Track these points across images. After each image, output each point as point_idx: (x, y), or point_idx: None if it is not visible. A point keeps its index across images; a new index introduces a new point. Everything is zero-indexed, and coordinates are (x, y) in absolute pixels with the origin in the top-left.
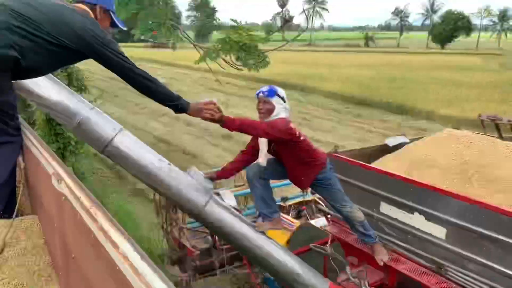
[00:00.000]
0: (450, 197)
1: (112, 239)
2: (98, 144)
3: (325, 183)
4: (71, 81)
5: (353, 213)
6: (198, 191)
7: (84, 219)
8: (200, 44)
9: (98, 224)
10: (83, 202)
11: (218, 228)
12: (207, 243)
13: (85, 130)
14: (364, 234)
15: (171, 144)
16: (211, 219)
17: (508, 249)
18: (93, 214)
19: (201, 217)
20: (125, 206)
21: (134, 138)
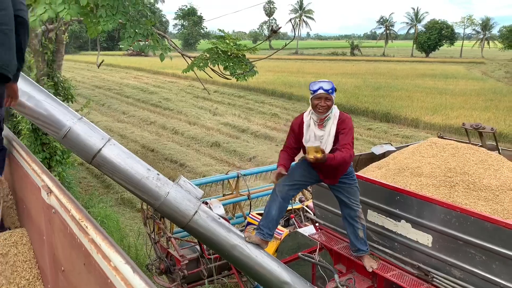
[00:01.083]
0: (436, 204)
1: (104, 252)
2: (86, 155)
3: (351, 178)
4: (57, 90)
5: (362, 214)
6: (187, 201)
7: (75, 232)
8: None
9: (89, 237)
10: (73, 215)
11: (206, 237)
12: (195, 252)
13: (73, 140)
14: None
15: (159, 152)
16: (199, 229)
17: (491, 256)
18: (84, 227)
19: (189, 227)
20: (112, 215)
21: (122, 148)
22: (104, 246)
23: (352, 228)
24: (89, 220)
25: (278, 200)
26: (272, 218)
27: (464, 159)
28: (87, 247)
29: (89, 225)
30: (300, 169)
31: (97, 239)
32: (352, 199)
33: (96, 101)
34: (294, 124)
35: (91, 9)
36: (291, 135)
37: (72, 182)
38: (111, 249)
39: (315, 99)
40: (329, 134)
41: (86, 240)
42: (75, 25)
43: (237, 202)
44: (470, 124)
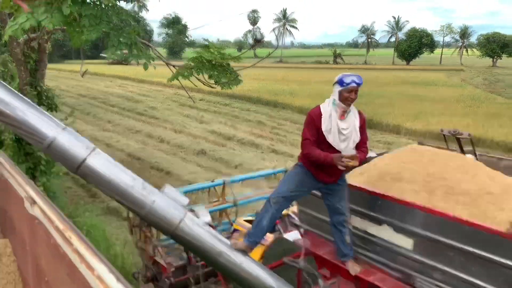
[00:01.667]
0: (416, 209)
1: (88, 262)
2: (71, 165)
3: (344, 179)
4: (40, 100)
5: (348, 219)
6: (172, 209)
7: (59, 242)
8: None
9: (73, 247)
10: (57, 225)
11: (192, 245)
12: (182, 259)
13: (58, 150)
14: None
15: (145, 161)
16: (185, 236)
17: (470, 258)
18: (67, 237)
19: (175, 235)
20: (98, 225)
21: (107, 157)
22: (88, 256)
23: (340, 233)
24: (73, 230)
25: (271, 212)
26: (262, 228)
27: (443, 165)
28: (70, 257)
29: (73, 236)
30: (296, 178)
31: (81, 249)
32: (342, 203)
33: (81, 110)
34: (314, 115)
35: (74, 18)
36: (313, 127)
37: (57, 192)
38: (95, 258)
39: (346, 91)
40: (355, 129)
41: (70, 250)
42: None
43: (223, 209)
44: (448, 130)
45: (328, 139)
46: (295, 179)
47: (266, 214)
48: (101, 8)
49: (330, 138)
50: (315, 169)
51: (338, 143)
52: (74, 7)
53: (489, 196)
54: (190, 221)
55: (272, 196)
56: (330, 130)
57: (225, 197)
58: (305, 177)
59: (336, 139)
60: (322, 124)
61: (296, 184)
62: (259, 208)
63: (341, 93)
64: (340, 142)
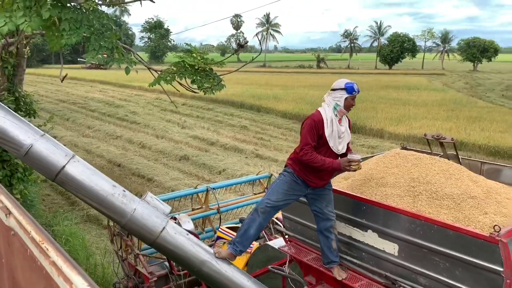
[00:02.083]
0: (400, 214)
1: (65, 275)
2: (49, 172)
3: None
4: (18, 106)
5: (335, 224)
6: (154, 217)
7: (35, 254)
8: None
9: (50, 259)
10: (33, 237)
11: (175, 254)
12: (164, 269)
13: (35, 158)
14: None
15: (125, 167)
16: (167, 245)
17: (454, 262)
18: (44, 249)
19: (157, 244)
20: (77, 233)
21: (86, 165)
22: (65, 269)
23: (326, 240)
24: (50, 242)
25: (258, 221)
26: (249, 236)
27: (427, 169)
28: (48, 270)
29: (50, 247)
30: (284, 187)
31: (58, 262)
32: (329, 207)
33: (60, 115)
34: (317, 120)
35: (54, 22)
36: (315, 132)
37: (35, 200)
38: (73, 271)
39: (352, 98)
40: (347, 131)
41: (46, 263)
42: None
43: (206, 216)
44: (432, 135)
45: (330, 143)
46: (284, 188)
47: (253, 223)
48: (82, 12)
49: (331, 142)
50: (306, 174)
51: (337, 146)
52: (54, 11)
53: (473, 200)
54: (172, 229)
55: (260, 206)
56: (331, 135)
57: (208, 204)
58: (293, 184)
59: (336, 143)
60: (325, 129)
61: (284, 193)
62: (243, 214)
63: (347, 99)
64: (338, 145)
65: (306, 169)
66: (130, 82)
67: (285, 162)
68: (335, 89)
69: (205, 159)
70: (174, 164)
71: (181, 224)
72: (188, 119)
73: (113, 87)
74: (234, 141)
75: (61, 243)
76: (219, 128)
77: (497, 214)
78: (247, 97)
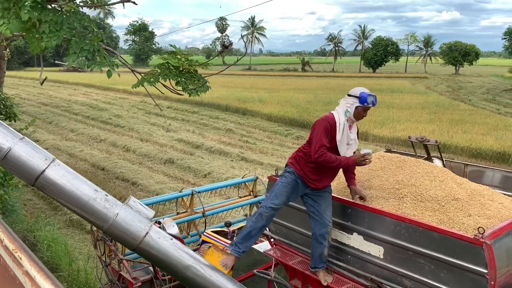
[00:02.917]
0: (386, 216)
1: (39, 285)
2: (29, 177)
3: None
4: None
5: (331, 230)
6: (137, 222)
7: (8, 263)
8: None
9: (23, 269)
10: (6, 245)
11: (158, 259)
12: (149, 274)
13: (14, 162)
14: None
15: (109, 171)
16: (151, 250)
17: (439, 265)
18: (18, 258)
19: (140, 249)
20: (60, 238)
21: (67, 169)
22: (39, 279)
23: (319, 246)
24: (23, 251)
25: (262, 223)
26: (251, 238)
27: (411, 171)
28: (21, 280)
29: (23, 256)
30: (287, 189)
31: (31, 271)
32: (327, 212)
33: (42, 119)
34: (332, 123)
35: (34, 24)
36: (327, 135)
37: (16, 205)
38: (47, 281)
39: (363, 109)
40: (355, 139)
41: (19, 272)
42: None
43: (191, 220)
44: (416, 137)
45: (339, 147)
46: (286, 191)
47: (256, 225)
48: (62, 14)
49: (341, 148)
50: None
51: (345, 153)
52: (33, 13)
53: (457, 202)
54: (156, 234)
55: (265, 211)
56: (342, 140)
57: (194, 207)
58: (294, 184)
59: (344, 149)
60: (337, 134)
61: (287, 195)
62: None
63: (358, 108)
64: (347, 151)
65: (307, 168)
66: (115, 85)
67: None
68: (350, 95)
69: (190, 162)
70: (159, 168)
71: (166, 228)
72: (173, 122)
73: (97, 90)
74: (220, 144)
75: (42, 248)
76: (204, 131)
77: (481, 216)
78: (232, 100)
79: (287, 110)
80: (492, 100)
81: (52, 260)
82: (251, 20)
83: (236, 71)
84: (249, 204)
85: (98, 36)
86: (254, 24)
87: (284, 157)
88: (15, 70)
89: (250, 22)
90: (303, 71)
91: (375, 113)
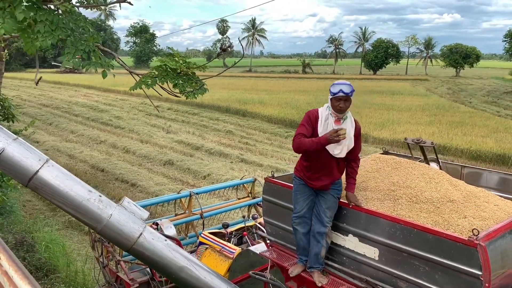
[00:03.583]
0: (381, 218)
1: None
2: (22, 177)
3: (337, 187)
4: None
5: (330, 233)
6: (131, 223)
7: None
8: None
9: (2, 269)
10: None
11: (152, 260)
12: (146, 275)
13: (7, 162)
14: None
15: (109, 172)
16: (145, 251)
17: (434, 266)
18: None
19: (134, 250)
20: (58, 239)
21: (61, 169)
22: (16, 278)
23: (316, 245)
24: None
25: (300, 232)
26: (301, 246)
27: (407, 173)
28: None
29: (2, 256)
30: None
31: (10, 271)
32: (327, 213)
33: (43, 120)
34: (312, 116)
35: (29, 24)
36: (308, 126)
37: (15, 206)
38: (23, 281)
39: (335, 100)
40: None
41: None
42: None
43: (189, 222)
44: (412, 139)
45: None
46: (298, 197)
47: (297, 235)
48: (58, 14)
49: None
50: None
51: (332, 147)
52: (29, 13)
53: (452, 204)
54: (150, 235)
55: (292, 222)
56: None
57: (192, 209)
58: (302, 188)
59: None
60: (318, 126)
61: (301, 200)
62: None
63: (332, 101)
64: (333, 147)
65: (304, 168)
66: (115, 87)
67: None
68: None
69: (190, 163)
70: (159, 169)
71: (163, 229)
72: (173, 123)
73: (97, 91)
74: (219, 145)
75: (40, 250)
76: (204, 132)
77: (476, 217)
78: (232, 102)
79: (288, 112)
80: (493, 102)
81: (50, 261)
82: (251, 22)
83: (236, 73)
84: (248, 205)
85: (93, 37)
86: (254, 26)
87: (283, 158)
88: (16, 72)
89: (251, 24)
90: (304, 73)
91: (375, 115)
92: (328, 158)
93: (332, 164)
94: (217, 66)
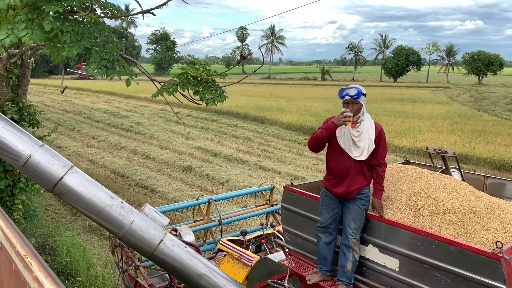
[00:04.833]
0: (401, 228)
1: None
2: (47, 183)
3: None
4: (22, 116)
5: (356, 246)
6: (152, 230)
7: (20, 268)
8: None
9: (33, 274)
10: (18, 250)
11: (172, 267)
12: (165, 281)
13: (33, 168)
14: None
15: (129, 178)
16: (165, 258)
17: (456, 279)
18: (28, 263)
19: (154, 257)
20: (79, 244)
21: (84, 176)
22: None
23: (343, 257)
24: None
25: (323, 241)
26: (323, 257)
27: (428, 183)
28: (30, 285)
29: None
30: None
31: (40, 277)
32: (352, 225)
33: (65, 125)
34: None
35: (56, 34)
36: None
37: (38, 210)
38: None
39: (343, 104)
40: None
41: (29, 278)
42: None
43: (208, 228)
44: (434, 149)
45: (340, 143)
46: (323, 208)
47: (319, 244)
48: (83, 25)
49: (342, 143)
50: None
51: (351, 149)
52: (56, 23)
53: (475, 215)
54: (170, 242)
55: (316, 231)
56: (342, 136)
57: (210, 215)
58: (326, 198)
59: (348, 145)
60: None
61: (326, 212)
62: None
63: (342, 105)
64: (352, 149)
65: (326, 173)
66: (136, 93)
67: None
68: None
69: (208, 170)
70: (178, 175)
71: (182, 236)
72: (192, 130)
73: (118, 97)
74: (238, 152)
75: (62, 253)
76: (223, 139)
77: (499, 229)
78: (251, 109)
79: (306, 119)
80: None
81: (71, 265)
82: (271, 29)
83: (255, 79)
84: (266, 213)
85: (117, 46)
86: (273, 33)
87: (302, 166)
88: (40, 78)
89: (270, 32)
90: (323, 80)
91: (396, 123)
92: (348, 161)
93: (352, 168)
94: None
